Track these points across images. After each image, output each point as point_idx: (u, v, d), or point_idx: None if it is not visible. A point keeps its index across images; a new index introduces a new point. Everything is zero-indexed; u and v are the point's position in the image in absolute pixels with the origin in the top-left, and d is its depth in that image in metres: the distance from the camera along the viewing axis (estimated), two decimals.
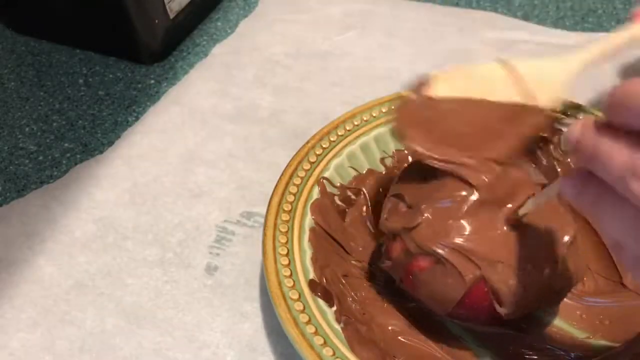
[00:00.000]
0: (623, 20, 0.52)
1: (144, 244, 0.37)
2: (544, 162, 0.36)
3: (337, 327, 0.28)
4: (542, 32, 0.51)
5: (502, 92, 0.30)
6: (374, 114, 0.37)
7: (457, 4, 0.55)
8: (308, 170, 0.34)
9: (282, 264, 0.30)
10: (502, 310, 0.27)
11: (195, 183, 0.40)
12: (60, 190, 0.40)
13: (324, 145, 0.36)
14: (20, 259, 0.36)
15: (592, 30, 0.51)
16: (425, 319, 0.31)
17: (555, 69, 0.31)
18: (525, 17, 0.53)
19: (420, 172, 0.30)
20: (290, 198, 0.33)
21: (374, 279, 0.33)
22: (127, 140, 0.43)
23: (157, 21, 0.49)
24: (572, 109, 0.36)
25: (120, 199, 0.39)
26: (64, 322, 0.33)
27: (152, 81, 0.49)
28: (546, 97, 0.30)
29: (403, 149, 0.37)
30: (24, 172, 0.42)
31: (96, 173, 0.41)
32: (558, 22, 0.52)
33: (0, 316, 0.34)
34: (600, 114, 0.34)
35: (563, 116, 0.36)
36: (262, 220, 0.36)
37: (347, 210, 0.35)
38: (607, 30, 0.51)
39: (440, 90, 0.30)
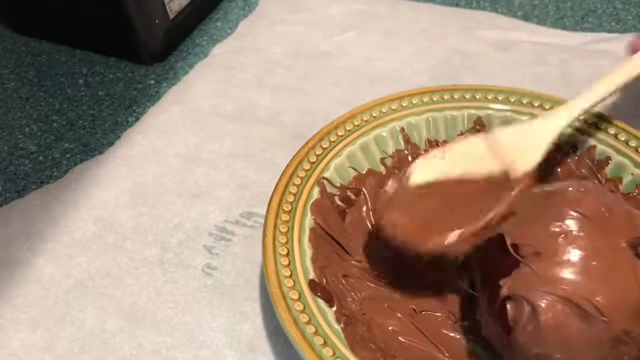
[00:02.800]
0: (623, 20, 0.52)
1: (144, 244, 0.37)
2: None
3: (337, 327, 0.28)
4: (542, 32, 0.51)
5: (483, 166, 0.31)
6: (374, 114, 0.37)
7: (457, 4, 0.55)
8: (308, 170, 0.34)
9: (282, 264, 0.30)
10: None
11: (195, 183, 0.40)
12: (60, 190, 0.40)
13: (324, 146, 0.36)
14: (20, 259, 0.36)
15: (592, 30, 0.51)
16: (426, 319, 0.31)
17: (540, 130, 0.32)
18: (525, 17, 0.53)
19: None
20: (290, 198, 0.33)
21: (374, 279, 0.33)
22: (127, 140, 0.43)
23: (157, 21, 0.49)
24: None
25: (120, 199, 0.39)
26: (64, 322, 0.33)
27: (152, 81, 0.49)
28: (528, 161, 0.31)
29: (403, 149, 0.37)
30: (24, 172, 0.42)
31: (96, 173, 0.41)
32: (558, 22, 0.52)
33: (0, 316, 0.34)
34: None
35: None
36: (262, 220, 0.36)
37: (347, 210, 0.35)
38: (607, 30, 0.51)
39: (420, 175, 0.32)
